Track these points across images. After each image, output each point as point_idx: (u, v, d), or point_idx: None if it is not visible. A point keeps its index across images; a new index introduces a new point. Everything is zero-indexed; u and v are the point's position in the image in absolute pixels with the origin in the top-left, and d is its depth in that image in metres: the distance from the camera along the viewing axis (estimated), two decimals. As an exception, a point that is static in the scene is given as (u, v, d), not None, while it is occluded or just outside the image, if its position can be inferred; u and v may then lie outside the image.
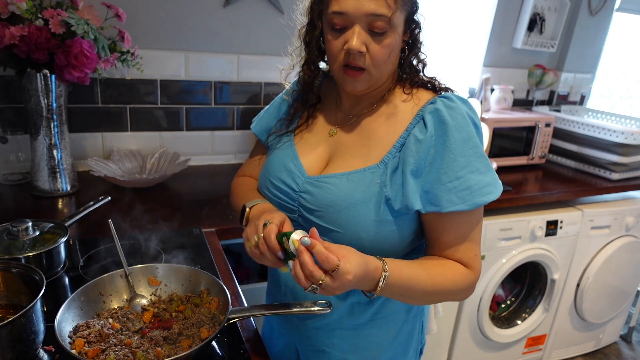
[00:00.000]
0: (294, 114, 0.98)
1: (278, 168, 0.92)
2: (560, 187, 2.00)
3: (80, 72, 1.25)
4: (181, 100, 1.77)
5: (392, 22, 0.76)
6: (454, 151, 0.78)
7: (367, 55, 0.79)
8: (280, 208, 0.90)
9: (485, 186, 0.79)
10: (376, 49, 0.78)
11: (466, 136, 0.79)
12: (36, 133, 1.39)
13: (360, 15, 0.76)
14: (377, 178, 0.82)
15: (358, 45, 0.77)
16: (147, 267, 0.95)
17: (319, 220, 0.84)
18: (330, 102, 0.96)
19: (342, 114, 0.93)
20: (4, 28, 1.19)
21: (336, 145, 0.90)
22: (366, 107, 0.90)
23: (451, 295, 0.83)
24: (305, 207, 0.86)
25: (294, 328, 0.99)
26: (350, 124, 0.90)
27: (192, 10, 1.69)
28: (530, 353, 2.24)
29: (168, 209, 1.44)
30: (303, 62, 0.95)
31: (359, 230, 0.82)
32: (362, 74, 0.81)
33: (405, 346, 0.97)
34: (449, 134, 0.79)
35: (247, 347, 0.85)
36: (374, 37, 0.78)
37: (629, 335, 2.62)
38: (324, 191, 0.84)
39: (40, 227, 1.03)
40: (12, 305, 0.84)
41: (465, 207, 0.78)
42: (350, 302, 0.90)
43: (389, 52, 0.80)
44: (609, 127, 2.08)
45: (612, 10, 2.58)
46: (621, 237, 2.16)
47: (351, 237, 0.82)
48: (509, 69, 2.46)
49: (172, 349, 0.78)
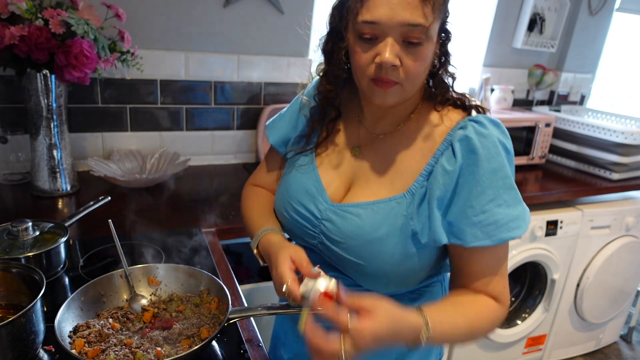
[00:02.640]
0: (312, 130, 0.90)
1: (299, 191, 0.86)
2: (560, 187, 2.00)
3: (80, 72, 1.25)
4: (181, 100, 1.77)
5: (429, 33, 0.70)
6: (482, 183, 0.73)
7: (400, 69, 0.71)
8: (300, 233, 0.87)
9: (513, 220, 0.74)
10: (411, 62, 0.71)
11: (497, 166, 0.73)
12: (36, 133, 1.39)
13: (394, 25, 0.68)
14: (403, 209, 0.77)
15: (392, 59, 0.69)
16: (147, 267, 0.95)
17: (342, 251, 0.80)
18: (351, 116, 0.89)
19: (365, 131, 0.86)
20: (4, 28, 1.19)
21: (359, 167, 0.85)
22: (391, 125, 0.83)
23: (485, 334, 0.79)
24: (327, 235, 0.82)
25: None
26: (374, 145, 0.84)
27: (192, 10, 1.69)
28: (530, 353, 2.24)
29: (168, 209, 1.44)
30: (322, 73, 0.86)
31: (383, 264, 0.78)
32: (394, 86, 0.73)
33: (426, 355, 0.95)
34: (479, 164, 0.73)
35: (247, 347, 0.85)
36: (409, 49, 0.70)
37: (629, 335, 2.62)
38: (348, 222, 0.79)
39: (40, 227, 1.03)
40: (12, 305, 0.84)
41: (490, 243, 0.74)
42: None
43: (424, 65, 0.73)
44: (609, 127, 2.08)
45: (612, 10, 2.58)
46: (621, 237, 2.16)
47: (375, 270, 0.79)
48: (509, 69, 2.46)
49: (172, 349, 0.78)
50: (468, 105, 0.81)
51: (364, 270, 0.80)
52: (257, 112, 1.90)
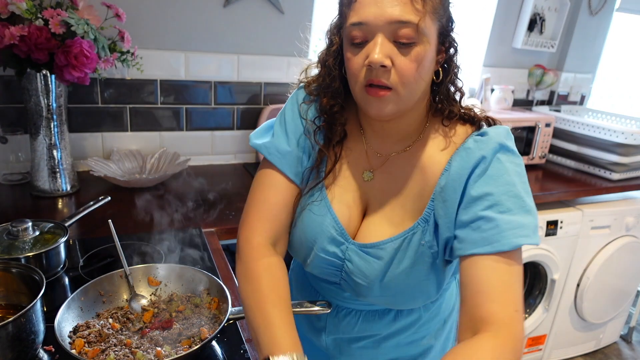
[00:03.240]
0: (320, 160, 0.82)
1: (319, 236, 0.80)
2: (560, 187, 2.00)
3: (80, 72, 1.25)
4: (181, 100, 1.77)
5: (421, 30, 0.65)
6: (479, 189, 0.68)
7: (392, 71, 0.67)
8: (322, 273, 0.84)
9: (518, 227, 0.66)
10: (403, 62, 0.66)
11: (496, 172, 0.68)
12: (36, 133, 1.39)
13: (382, 24, 0.65)
14: (421, 238, 0.75)
15: (380, 58, 0.65)
16: (147, 267, 0.95)
17: (365, 290, 0.79)
18: (354, 138, 0.83)
19: (373, 153, 0.82)
20: (4, 28, 1.19)
21: (372, 191, 0.81)
22: (399, 144, 0.79)
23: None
24: (349, 274, 0.80)
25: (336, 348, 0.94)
26: (384, 167, 0.80)
27: (192, 10, 1.69)
28: (531, 353, 2.24)
29: (168, 209, 1.44)
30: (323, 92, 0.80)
31: (413, 294, 0.78)
32: (387, 93, 0.68)
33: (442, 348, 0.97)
34: (475, 170, 0.70)
35: (247, 347, 0.85)
36: (400, 48, 0.66)
37: (629, 336, 2.62)
38: (370, 265, 0.77)
39: (40, 227, 1.03)
40: (12, 305, 0.84)
41: (491, 250, 0.65)
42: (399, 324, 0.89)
43: (418, 66, 0.68)
44: (609, 127, 2.08)
45: (612, 10, 2.57)
46: (621, 237, 2.16)
47: (404, 300, 0.80)
48: (509, 69, 2.46)
49: (172, 349, 0.78)
50: (477, 119, 0.76)
51: (390, 302, 0.81)
52: (257, 112, 1.90)
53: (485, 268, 0.66)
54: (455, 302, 0.96)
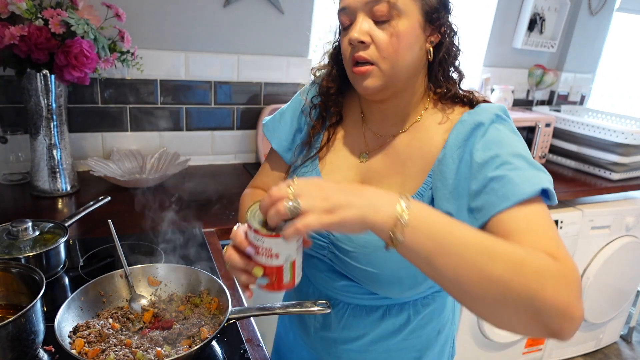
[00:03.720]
0: (312, 135, 0.88)
1: None
2: (560, 187, 2.00)
3: (80, 72, 1.25)
4: (181, 100, 1.77)
5: (397, 7, 0.70)
6: (484, 154, 0.68)
7: (372, 46, 0.72)
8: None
9: (532, 178, 0.64)
10: (381, 36, 0.71)
11: (496, 137, 0.69)
12: (36, 133, 1.39)
13: (360, 5, 0.71)
14: None
15: (358, 35, 0.71)
16: (147, 267, 0.95)
17: (352, 260, 0.78)
18: (354, 120, 0.87)
19: (371, 135, 0.84)
20: (4, 28, 1.19)
21: (367, 173, 0.82)
22: (397, 126, 0.81)
23: (521, 272, 0.52)
24: (336, 245, 0.80)
25: (324, 345, 0.93)
26: (382, 148, 0.82)
27: (192, 10, 1.69)
28: (530, 353, 2.24)
29: (168, 209, 1.44)
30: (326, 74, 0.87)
31: (397, 270, 0.76)
32: (370, 68, 0.73)
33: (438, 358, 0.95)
34: (475, 139, 0.70)
35: (247, 347, 0.85)
36: (378, 25, 0.71)
37: (629, 336, 2.62)
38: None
39: (40, 227, 1.03)
40: (12, 305, 0.84)
41: (510, 203, 0.63)
42: (387, 324, 0.87)
43: (397, 40, 0.71)
44: (609, 127, 2.08)
45: (612, 10, 2.57)
46: (621, 237, 2.16)
47: (390, 276, 0.77)
48: (509, 69, 2.46)
49: (172, 349, 0.78)
50: (475, 101, 0.77)
51: (377, 278, 0.78)
52: (257, 112, 1.90)
53: (511, 220, 0.63)
54: (452, 316, 0.94)
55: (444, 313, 0.91)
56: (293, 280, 0.66)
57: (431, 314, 0.88)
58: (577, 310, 0.52)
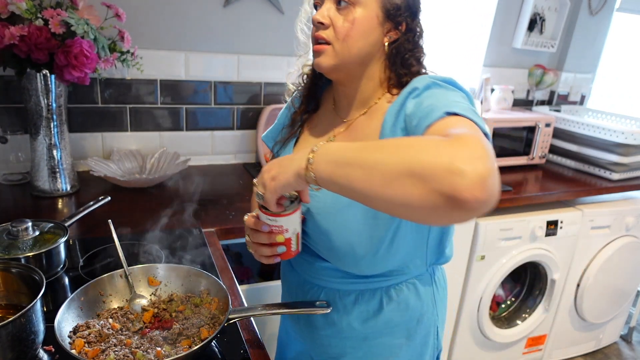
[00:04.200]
0: (294, 119, 0.99)
1: None
2: (560, 187, 2.00)
3: (80, 72, 1.25)
4: (181, 100, 1.77)
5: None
6: (411, 107, 0.74)
7: (330, 28, 0.81)
8: None
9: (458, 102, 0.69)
10: (339, 21, 0.80)
11: (428, 95, 0.74)
12: (36, 133, 1.39)
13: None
14: None
15: (319, 17, 0.81)
16: (147, 267, 0.95)
17: (311, 227, 0.85)
18: (328, 110, 0.97)
19: (339, 120, 0.93)
20: (4, 28, 1.19)
21: None
22: (359, 111, 0.90)
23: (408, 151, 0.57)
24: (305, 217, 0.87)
25: (308, 336, 0.98)
26: (346, 130, 0.91)
27: (192, 10, 1.69)
28: (531, 353, 2.24)
29: (168, 209, 1.44)
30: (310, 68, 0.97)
31: (349, 234, 0.81)
32: (325, 47, 0.82)
33: (420, 352, 0.95)
34: (406, 102, 0.77)
35: (247, 347, 0.85)
36: (339, 10, 0.80)
37: (629, 336, 2.62)
38: (314, 199, 0.84)
39: (40, 227, 1.03)
40: (12, 305, 0.84)
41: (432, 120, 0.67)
42: (359, 310, 0.90)
43: (352, 25, 0.80)
44: (609, 127, 2.08)
45: (612, 10, 2.57)
46: (621, 237, 2.16)
47: (342, 242, 0.82)
48: (509, 69, 2.46)
49: (172, 349, 0.78)
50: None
51: (331, 244, 0.83)
52: (257, 112, 1.90)
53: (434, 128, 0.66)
54: (432, 307, 0.95)
55: (421, 302, 0.92)
56: (298, 248, 0.82)
57: (406, 303, 0.91)
58: (463, 163, 0.52)
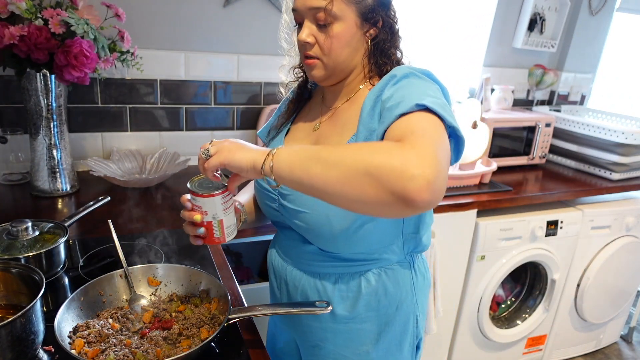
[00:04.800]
0: (288, 111, 1.04)
1: None
2: (561, 187, 2.00)
3: (80, 72, 1.25)
4: (181, 100, 1.77)
5: (333, 13, 0.81)
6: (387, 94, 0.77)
7: (316, 46, 0.85)
8: (265, 198, 0.96)
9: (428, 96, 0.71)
10: (322, 38, 0.84)
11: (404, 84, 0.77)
12: (36, 133, 1.39)
13: (305, 10, 0.83)
14: None
15: (303, 38, 0.84)
16: (147, 267, 0.95)
17: (290, 203, 0.88)
18: (318, 103, 1.01)
19: (325, 110, 0.97)
20: (4, 28, 1.19)
21: (317, 138, 0.95)
22: (343, 100, 0.94)
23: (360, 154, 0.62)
24: (281, 193, 0.91)
25: (292, 324, 1.03)
26: (330, 117, 0.95)
27: (192, 10, 1.69)
28: (531, 353, 2.24)
29: (168, 209, 1.44)
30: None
31: (325, 209, 0.84)
32: (315, 61, 0.87)
33: (399, 340, 0.97)
34: (384, 89, 0.79)
35: (247, 347, 0.85)
36: (320, 28, 0.84)
37: (629, 336, 2.62)
38: None
39: (40, 227, 1.03)
40: (12, 305, 0.84)
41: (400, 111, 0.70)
42: (339, 295, 0.92)
43: (335, 40, 0.83)
44: (609, 127, 2.08)
45: (613, 10, 2.57)
46: (621, 237, 2.16)
47: (318, 217, 0.85)
48: (509, 69, 2.46)
49: (172, 349, 0.78)
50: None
51: (308, 220, 0.86)
52: (257, 112, 1.90)
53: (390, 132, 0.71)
54: (412, 295, 0.97)
55: (400, 288, 0.94)
56: (223, 237, 0.83)
57: (384, 288, 0.93)
58: (415, 168, 0.58)
